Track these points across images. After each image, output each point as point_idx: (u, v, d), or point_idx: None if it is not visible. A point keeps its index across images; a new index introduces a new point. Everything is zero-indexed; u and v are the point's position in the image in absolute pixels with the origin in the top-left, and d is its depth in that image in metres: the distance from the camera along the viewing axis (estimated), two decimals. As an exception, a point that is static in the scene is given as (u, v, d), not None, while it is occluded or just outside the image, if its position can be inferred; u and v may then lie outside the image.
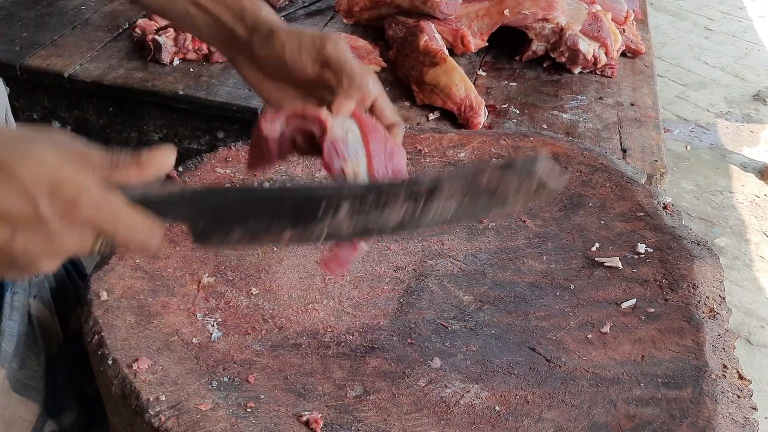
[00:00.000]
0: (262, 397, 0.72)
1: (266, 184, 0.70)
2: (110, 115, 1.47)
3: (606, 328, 0.81)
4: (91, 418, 1.00)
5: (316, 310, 0.83)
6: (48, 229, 0.53)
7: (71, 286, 0.98)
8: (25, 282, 0.87)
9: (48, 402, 0.90)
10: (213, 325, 0.80)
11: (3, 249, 0.53)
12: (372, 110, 0.75)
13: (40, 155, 0.52)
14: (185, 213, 0.60)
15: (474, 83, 1.40)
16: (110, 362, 0.73)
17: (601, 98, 1.44)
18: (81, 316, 0.87)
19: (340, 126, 0.69)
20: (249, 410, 0.70)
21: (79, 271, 1.02)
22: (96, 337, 0.75)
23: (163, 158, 0.57)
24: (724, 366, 0.76)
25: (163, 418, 0.68)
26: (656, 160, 1.25)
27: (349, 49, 0.73)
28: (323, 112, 0.68)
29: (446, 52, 1.40)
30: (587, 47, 1.47)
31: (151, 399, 0.69)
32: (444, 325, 0.81)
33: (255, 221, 0.61)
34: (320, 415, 0.70)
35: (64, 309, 0.95)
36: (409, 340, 0.79)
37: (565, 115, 1.37)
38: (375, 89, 0.74)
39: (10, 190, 0.51)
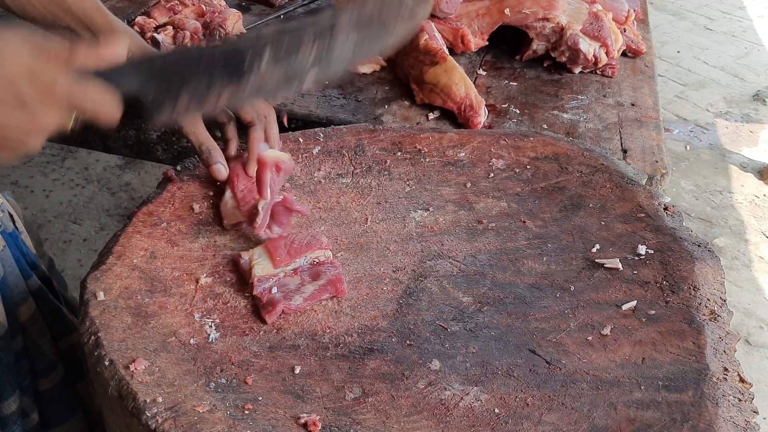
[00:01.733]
0: (260, 398, 0.71)
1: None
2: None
3: (606, 330, 0.80)
4: (50, 416, 1.01)
5: (315, 310, 0.83)
6: (30, 108, 0.62)
7: (22, 277, 0.98)
8: None
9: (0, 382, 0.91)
10: (211, 326, 0.79)
11: None
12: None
13: (15, 51, 0.61)
14: (136, 80, 0.68)
15: (474, 82, 1.39)
16: (107, 363, 0.72)
17: (605, 96, 1.43)
18: (32, 307, 0.90)
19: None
20: (247, 412, 0.69)
21: (30, 261, 1.02)
22: (93, 338, 0.75)
23: (116, 45, 0.66)
24: (725, 369, 0.76)
25: (160, 420, 0.67)
26: (657, 161, 1.25)
27: None
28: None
29: (446, 51, 1.40)
30: (588, 47, 1.46)
31: (148, 401, 0.69)
32: (443, 327, 0.81)
33: (195, 80, 0.69)
34: (318, 417, 0.69)
35: (13, 299, 0.96)
36: (408, 342, 0.79)
37: (565, 115, 1.36)
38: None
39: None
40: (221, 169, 0.93)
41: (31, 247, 1.04)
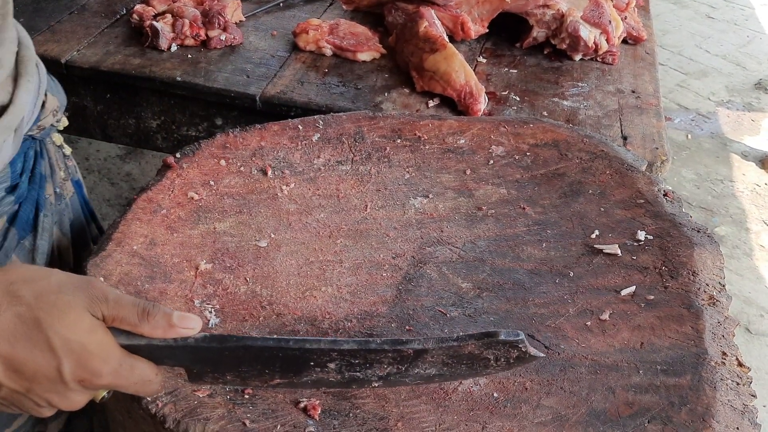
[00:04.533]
0: (260, 383, 0.72)
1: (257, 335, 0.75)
2: (108, 101, 1.46)
3: (605, 316, 0.81)
4: None
5: (315, 296, 0.83)
6: (64, 389, 0.58)
7: (86, 225, 1.02)
8: (53, 206, 0.91)
9: None
10: (211, 312, 0.79)
11: (12, 397, 0.59)
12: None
13: (73, 318, 0.57)
14: (184, 360, 0.63)
15: (474, 70, 1.39)
16: (107, 348, 0.72)
17: (605, 83, 1.43)
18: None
19: None
20: (246, 397, 0.70)
21: (89, 209, 1.06)
22: (93, 323, 0.75)
23: (192, 323, 0.61)
24: (724, 353, 0.76)
25: (160, 404, 0.68)
26: (657, 148, 1.25)
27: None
28: None
29: (446, 39, 1.39)
30: (588, 34, 1.45)
31: (148, 385, 0.69)
32: (443, 312, 0.81)
33: (247, 369, 0.64)
34: (318, 401, 0.70)
35: (79, 242, 0.99)
36: (407, 327, 0.79)
37: (565, 102, 1.36)
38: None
39: (39, 351, 0.56)
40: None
41: (88, 197, 1.07)
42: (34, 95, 0.85)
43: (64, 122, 0.97)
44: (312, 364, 0.64)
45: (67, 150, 1.00)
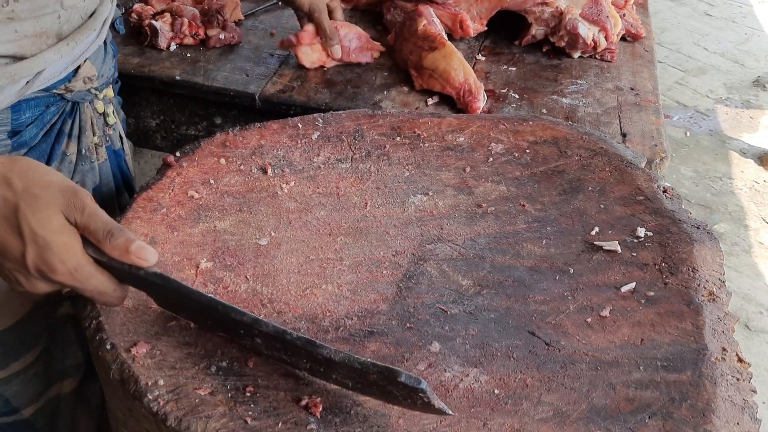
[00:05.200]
0: (261, 381, 0.72)
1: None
2: (107, 101, 1.46)
3: (605, 312, 0.81)
4: None
5: (315, 294, 0.83)
6: (27, 273, 0.67)
7: (115, 190, 1.08)
8: (71, 165, 0.98)
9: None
10: (211, 310, 0.79)
11: None
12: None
13: (46, 215, 0.66)
14: (140, 286, 0.73)
15: (473, 68, 1.39)
16: (108, 347, 0.72)
17: (604, 80, 1.43)
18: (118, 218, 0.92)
19: None
20: (248, 395, 0.70)
21: (126, 180, 1.12)
22: (94, 321, 0.75)
23: (146, 258, 0.70)
24: (724, 349, 0.76)
25: (161, 403, 0.68)
26: (656, 145, 1.25)
27: None
28: None
29: (445, 37, 1.39)
30: (587, 31, 1.45)
31: (149, 383, 0.69)
32: (443, 309, 0.81)
33: (192, 312, 0.74)
34: (319, 398, 0.70)
35: (102, 208, 1.02)
36: (408, 325, 0.79)
37: (564, 100, 1.36)
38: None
39: (13, 230, 0.65)
40: (338, 49, 1.39)
41: (132, 170, 1.14)
42: (68, 60, 0.91)
43: (109, 93, 1.04)
44: (241, 332, 0.71)
45: (112, 119, 1.05)
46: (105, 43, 1.02)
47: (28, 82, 0.87)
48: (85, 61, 0.95)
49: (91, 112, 1.00)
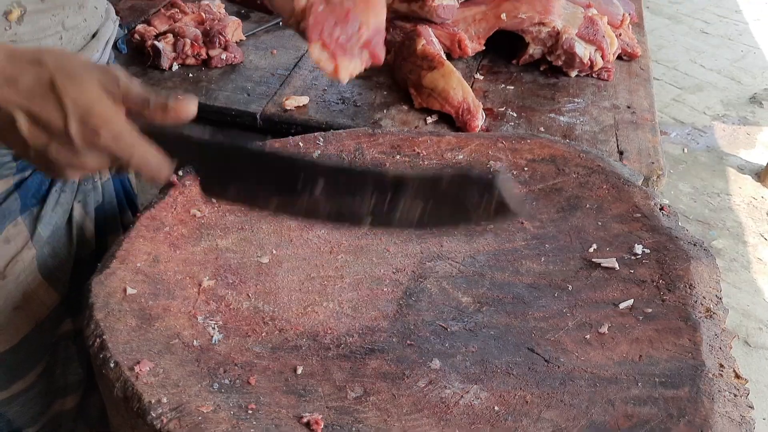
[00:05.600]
0: (263, 398, 0.72)
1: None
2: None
3: (604, 329, 0.81)
4: None
5: (316, 312, 0.84)
6: (72, 145, 0.65)
7: (118, 208, 1.07)
8: (74, 185, 0.97)
9: (69, 298, 0.99)
10: (214, 328, 0.80)
11: (41, 152, 0.66)
12: None
13: (84, 84, 0.64)
14: (189, 154, 0.69)
15: (471, 87, 1.41)
16: (112, 365, 0.73)
17: (601, 99, 1.45)
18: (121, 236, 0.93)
19: None
20: (250, 412, 0.70)
21: (129, 197, 1.12)
22: (98, 340, 0.76)
23: (186, 108, 0.69)
24: (721, 365, 0.77)
25: (165, 420, 0.68)
26: (653, 162, 1.26)
27: None
28: None
29: (444, 56, 1.41)
30: (583, 51, 1.47)
31: (153, 401, 0.70)
32: (443, 327, 0.82)
33: (248, 181, 0.70)
34: (321, 416, 0.70)
35: (105, 226, 1.05)
36: (408, 342, 0.80)
37: (562, 118, 1.38)
38: None
39: (52, 103, 0.63)
40: None
41: (135, 187, 1.14)
42: None
43: None
44: (302, 176, 0.67)
45: None
46: (108, 63, 1.03)
47: None
48: None
49: None
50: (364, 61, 0.86)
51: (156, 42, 1.48)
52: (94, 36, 0.96)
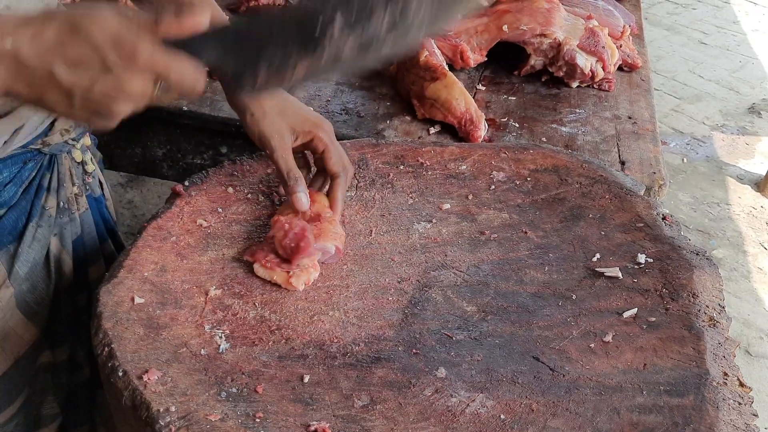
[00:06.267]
0: (271, 407, 0.73)
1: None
2: (114, 131, 1.48)
3: (608, 338, 0.82)
4: (99, 376, 1.06)
5: (322, 321, 0.84)
6: (114, 74, 0.65)
7: (98, 239, 1.06)
8: (51, 219, 0.95)
9: (48, 331, 0.98)
10: (221, 337, 0.81)
11: (85, 95, 0.66)
12: (322, 157, 0.95)
13: (104, 18, 0.65)
14: (216, 52, 0.70)
15: (474, 97, 1.42)
16: (120, 374, 0.74)
17: (602, 109, 1.46)
18: (102, 269, 0.98)
19: None
20: (258, 420, 0.71)
21: (109, 226, 1.10)
22: (106, 349, 0.76)
23: (199, 14, 0.69)
24: (725, 374, 0.77)
25: (173, 429, 0.69)
26: (654, 172, 1.27)
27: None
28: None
29: (446, 67, 1.42)
30: (585, 62, 1.49)
31: (161, 410, 0.70)
32: (448, 336, 0.83)
33: (272, 50, 0.70)
34: (328, 424, 0.71)
35: (85, 258, 1.03)
36: (414, 351, 0.80)
37: (563, 129, 1.39)
38: (325, 139, 0.94)
39: (84, 43, 0.64)
40: (302, 198, 0.93)
41: (113, 215, 1.12)
42: (44, 114, 0.88)
43: (86, 141, 1.01)
44: (320, 19, 0.68)
45: (90, 167, 1.03)
46: None
47: (5, 141, 0.85)
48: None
49: (69, 162, 0.99)
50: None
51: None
52: None
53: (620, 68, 1.62)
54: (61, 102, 0.68)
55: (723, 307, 0.86)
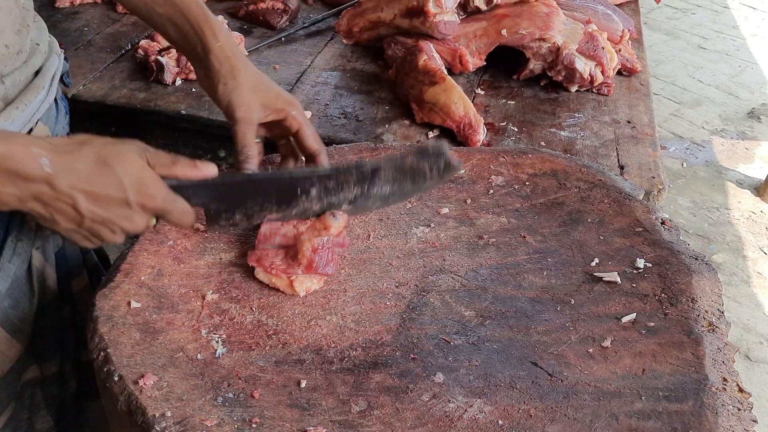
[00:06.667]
0: (267, 412, 0.72)
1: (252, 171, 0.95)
2: (113, 134, 1.48)
3: (607, 343, 0.82)
4: (86, 387, 1.06)
5: (319, 325, 0.84)
6: (130, 211, 0.77)
7: (80, 250, 1.06)
8: (31, 232, 0.94)
9: (34, 346, 0.97)
10: (217, 341, 0.80)
11: (96, 224, 0.77)
12: (296, 136, 0.98)
13: (130, 159, 0.77)
14: (205, 198, 0.85)
15: (473, 102, 1.42)
16: (116, 378, 0.73)
17: (601, 113, 1.46)
18: (85, 281, 1.01)
19: None
20: (254, 426, 0.70)
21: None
22: (102, 353, 0.76)
23: (210, 168, 0.85)
24: (724, 379, 0.77)
25: (168, 434, 0.68)
26: (653, 177, 1.27)
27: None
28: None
29: (445, 71, 1.42)
30: (584, 66, 1.49)
31: (157, 415, 0.70)
32: (446, 340, 0.82)
33: (251, 203, 0.86)
34: (325, 429, 0.70)
35: (68, 271, 1.03)
36: (411, 356, 0.80)
37: (562, 133, 1.39)
38: (299, 117, 0.97)
39: (111, 181, 0.75)
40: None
41: None
42: (20, 123, 0.88)
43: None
44: (299, 191, 0.85)
45: None
46: (56, 100, 0.99)
47: None
48: (36, 122, 0.91)
49: None
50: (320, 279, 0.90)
51: (159, 57, 1.49)
52: (38, 73, 0.92)
53: (619, 72, 1.62)
54: (70, 224, 0.77)
55: (722, 312, 0.86)
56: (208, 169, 0.84)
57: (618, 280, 0.90)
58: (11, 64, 0.86)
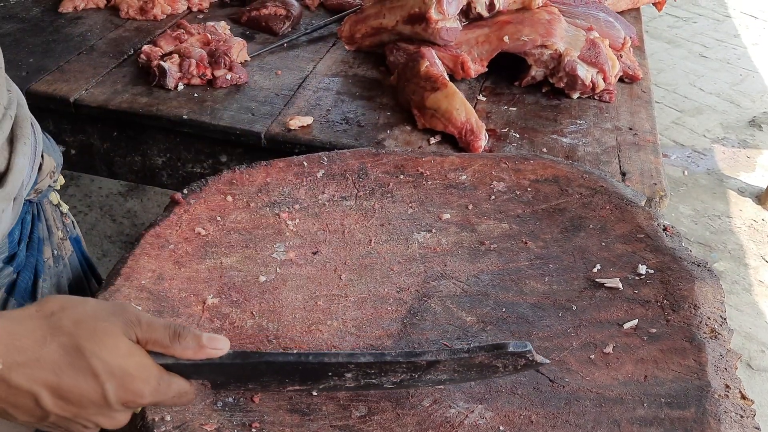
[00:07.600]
0: (267, 417, 0.72)
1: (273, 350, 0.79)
2: (114, 139, 1.48)
3: (608, 349, 0.81)
4: None
5: (320, 330, 0.84)
6: (109, 411, 0.61)
7: (84, 279, 1.04)
8: (51, 270, 0.92)
9: None
10: (218, 346, 0.80)
11: (62, 420, 0.61)
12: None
13: (111, 343, 0.60)
14: (211, 376, 0.67)
15: (474, 108, 1.42)
16: (116, 382, 0.73)
17: (603, 120, 1.46)
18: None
19: None
20: (254, 430, 0.70)
21: (89, 264, 1.08)
22: (102, 357, 0.75)
23: (220, 344, 0.65)
24: (727, 386, 0.76)
25: (168, 438, 0.68)
26: (655, 183, 1.27)
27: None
28: None
29: (447, 78, 1.42)
30: (585, 73, 1.49)
31: (156, 419, 0.69)
32: (447, 346, 0.82)
33: (268, 379, 0.69)
34: (325, 435, 0.70)
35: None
36: (412, 361, 0.80)
37: (564, 139, 1.39)
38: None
39: (84, 378, 0.59)
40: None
41: (87, 251, 1.09)
42: (31, 158, 0.84)
43: (61, 181, 0.98)
44: (330, 374, 0.68)
45: (64, 208, 1.01)
46: (32, 125, 0.88)
47: (15, 198, 0.80)
48: (42, 155, 0.88)
49: (50, 207, 0.96)
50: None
51: (162, 62, 1.49)
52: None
53: (621, 80, 1.62)
54: (31, 419, 0.61)
55: (724, 319, 0.85)
56: (218, 346, 0.64)
57: (620, 286, 0.89)
58: None
